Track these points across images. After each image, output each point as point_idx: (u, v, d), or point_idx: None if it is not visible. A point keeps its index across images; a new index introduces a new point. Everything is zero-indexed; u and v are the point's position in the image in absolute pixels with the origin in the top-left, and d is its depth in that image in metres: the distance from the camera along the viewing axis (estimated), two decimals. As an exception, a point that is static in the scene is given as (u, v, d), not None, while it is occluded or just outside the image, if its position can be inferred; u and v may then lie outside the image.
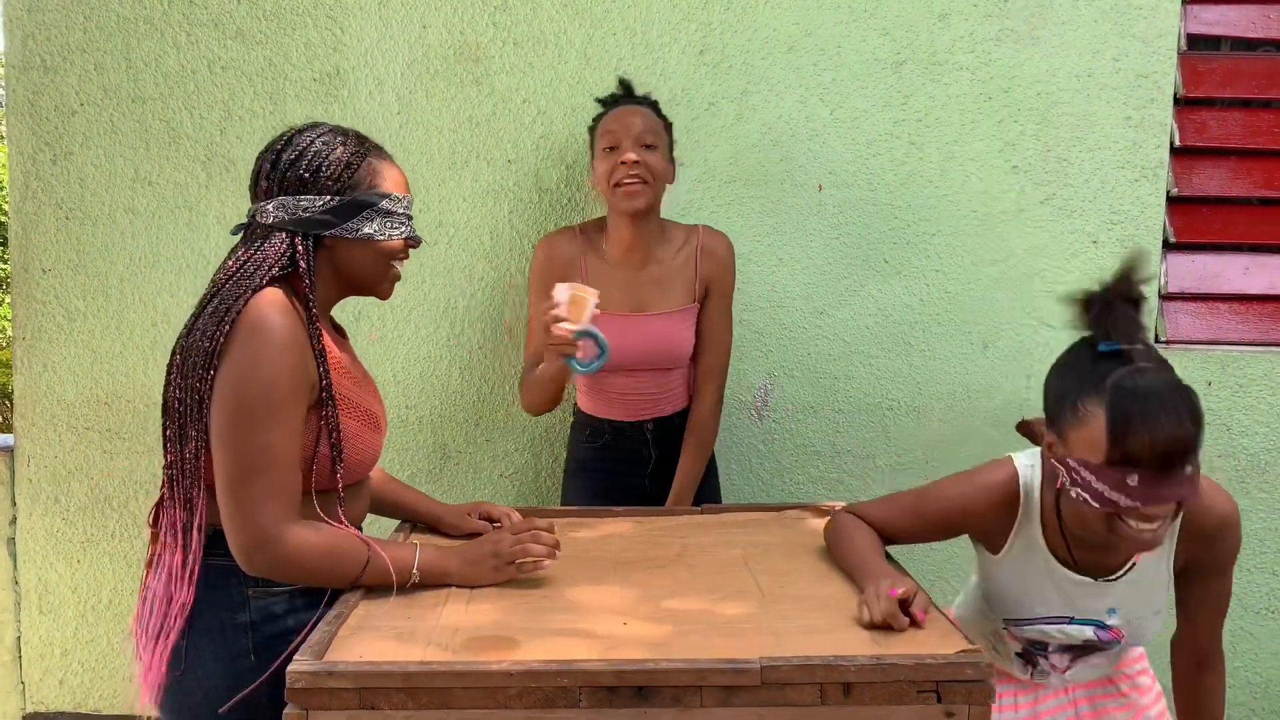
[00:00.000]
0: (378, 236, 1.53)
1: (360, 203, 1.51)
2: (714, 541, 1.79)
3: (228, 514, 1.41)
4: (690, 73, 2.58)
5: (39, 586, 2.72)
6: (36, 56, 2.58)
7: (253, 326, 1.41)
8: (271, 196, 1.50)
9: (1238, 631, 2.72)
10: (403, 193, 1.57)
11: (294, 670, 1.20)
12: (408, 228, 1.58)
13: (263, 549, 1.41)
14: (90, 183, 2.61)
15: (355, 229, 1.51)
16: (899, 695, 1.23)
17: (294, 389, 1.42)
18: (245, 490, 1.39)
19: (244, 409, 1.39)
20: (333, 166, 1.50)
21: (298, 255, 1.49)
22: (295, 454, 1.43)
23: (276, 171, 1.50)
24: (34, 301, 2.65)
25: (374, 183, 1.53)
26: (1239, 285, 2.67)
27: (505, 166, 2.61)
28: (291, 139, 1.52)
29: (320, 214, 1.49)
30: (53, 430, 2.68)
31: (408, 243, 1.59)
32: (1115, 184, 2.61)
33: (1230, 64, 2.64)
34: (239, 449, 1.40)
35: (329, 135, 1.53)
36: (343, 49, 2.58)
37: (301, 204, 1.49)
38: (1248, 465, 2.67)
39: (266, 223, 1.50)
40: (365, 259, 1.55)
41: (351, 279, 1.57)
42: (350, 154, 1.52)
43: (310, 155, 1.50)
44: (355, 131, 1.57)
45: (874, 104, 2.60)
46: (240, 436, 1.39)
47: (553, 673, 1.21)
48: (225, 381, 1.40)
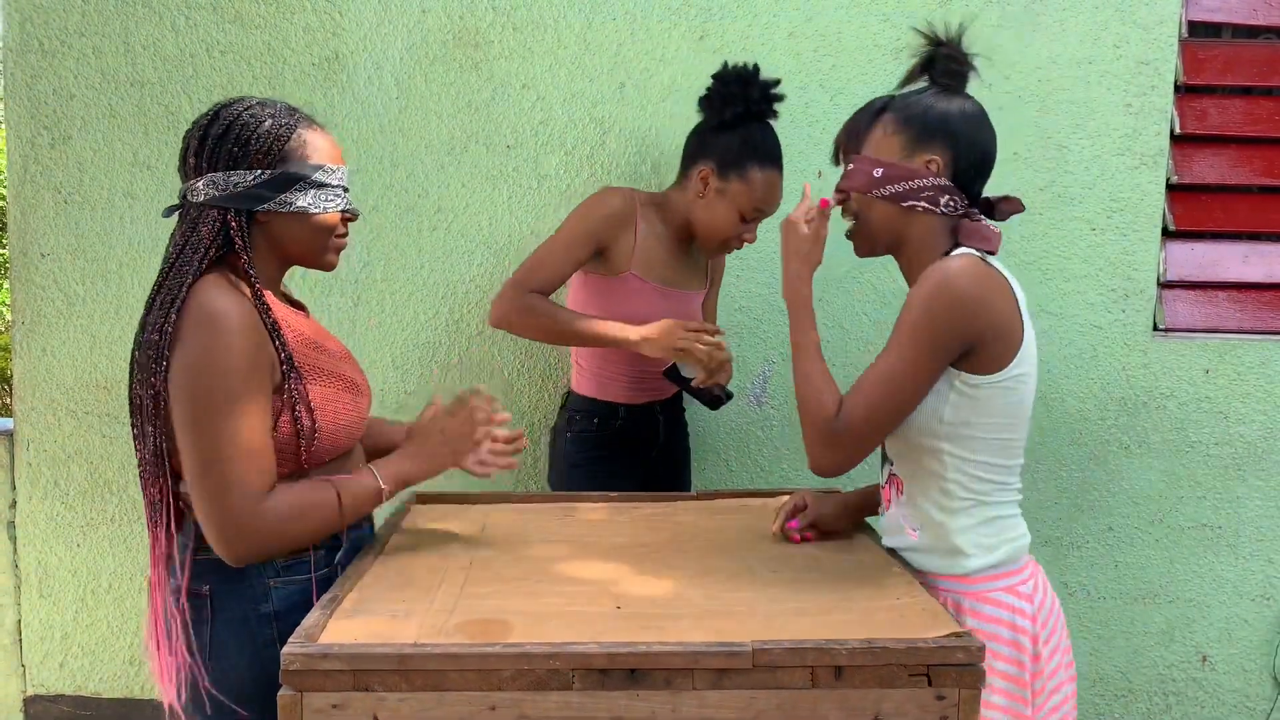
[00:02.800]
0: (312, 210, 1.48)
1: (292, 175, 1.46)
2: (707, 526, 1.80)
3: (199, 509, 1.39)
4: (691, 58, 2.58)
5: (39, 570, 2.73)
6: (34, 40, 2.58)
7: (199, 315, 1.37)
8: (201, 174, 1.45)
9: (1233, 618, 2.73)
10: (336, 163, 1.52)
11: (288, 652, 1.21)
12: (343, 199, 1.52)
13: (240, 537, 1.38)
14: (89, 167, 2.61)
15: (288, 202, 1.46)
16: (890, 678, 1.23)
17: (251, 372, 1.39)
18: (211, 481, 1.37)
19: (201, 400, 1.36)
20: (262, 139, 1.45)
21: (232, 233, 1.44)
22: (263, 438, 1.40)
23: (205, 148, 1.45)
24: (33, 286, 2.65)
25: (306, 154, 1.48)
26: (1238, 273, 2.67)
27: (504, 152, 2.61)
28: (218, 114, 1.47)
29: (251, 189, 1.44)
30: (52, 415, 2.68)
31: (344, 215, 1.54)
32: (1115, 171, 2.61)
33: (1231, 51, 2.63)
34: (200, 441, 1.37)
35: (256, 108, 1.47)
36: (341, 33, 2.57)
37: (232, 179, 1.44)
38: (1245, 453, 2.67)
39: (198, 201, 1.44)
40: (302, 233, 1.50)
41: (290, 254, 1.53)
42: (279, 125, 1.47)
43: (238, 129, 1.44)
44: (284, 103, 1.52)
45: (875, 90, 2.56)
46: (201, 429, 1.36)
47: (545, 655, 1.21)
48: (179, 375, 1.37)
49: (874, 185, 1.52)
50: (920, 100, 1.53)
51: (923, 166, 1.50)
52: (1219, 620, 2.74)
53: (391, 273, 2.64)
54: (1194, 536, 2.71)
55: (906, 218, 1.52)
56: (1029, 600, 1.52)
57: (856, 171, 1.55)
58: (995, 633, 1.49)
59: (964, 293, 1.42)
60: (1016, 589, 1.52)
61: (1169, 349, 2.66)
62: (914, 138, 1.51)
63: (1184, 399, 2.66)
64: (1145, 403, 2.67)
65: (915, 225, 1.52)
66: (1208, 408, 2.67)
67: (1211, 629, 2.74)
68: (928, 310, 1.42)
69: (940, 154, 1.50)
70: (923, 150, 1.50)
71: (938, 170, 1.50)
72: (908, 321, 1.44)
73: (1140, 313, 2.65)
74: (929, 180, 1.50)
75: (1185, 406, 2.66)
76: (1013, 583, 1.52)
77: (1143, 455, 2.68)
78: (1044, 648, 1.52)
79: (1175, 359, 2.66)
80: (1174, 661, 2.75)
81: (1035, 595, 1.53)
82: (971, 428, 1.48)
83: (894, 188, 1.51)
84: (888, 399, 1.45)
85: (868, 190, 1.53)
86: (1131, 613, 2.74)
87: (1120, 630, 2.74)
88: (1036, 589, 1.55)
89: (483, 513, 1.89)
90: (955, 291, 1.41)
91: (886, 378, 1.45)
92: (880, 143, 1.53)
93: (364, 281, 2.64)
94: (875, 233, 1.56)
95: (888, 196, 1.51)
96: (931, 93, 1.54)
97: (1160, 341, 2.66)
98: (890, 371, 1.45)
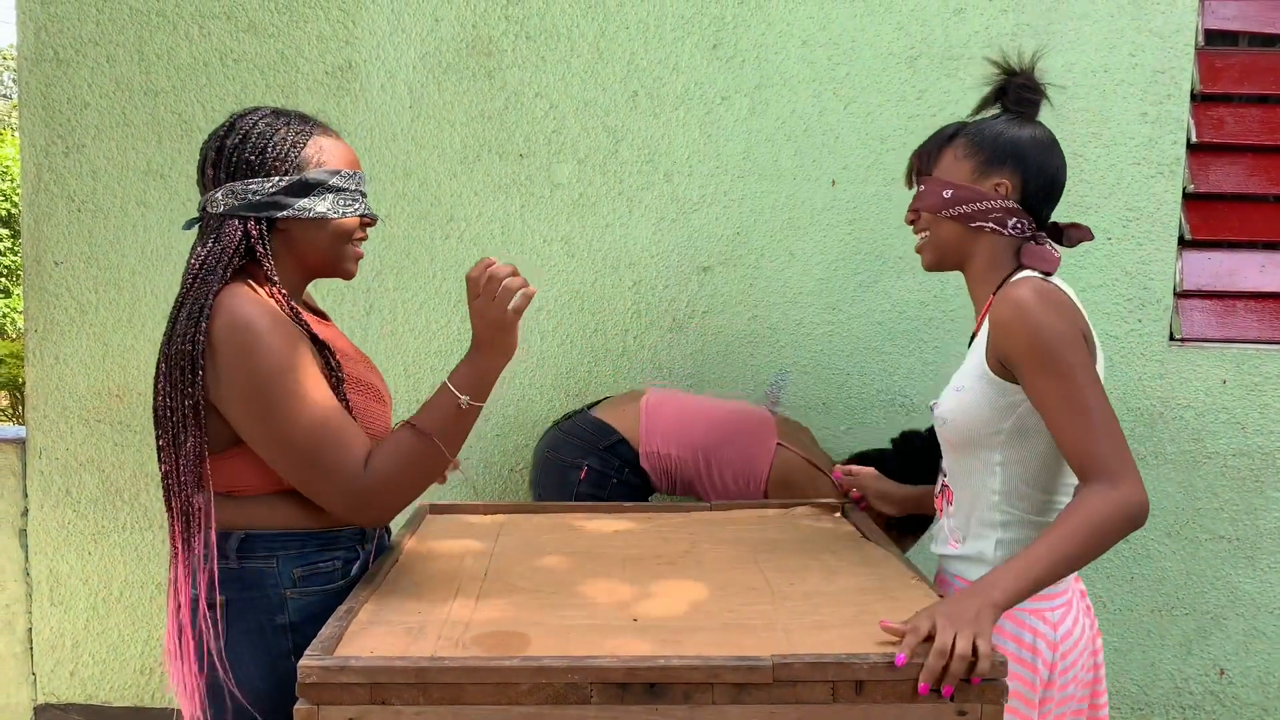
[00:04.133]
0: (331, 215, 1.48)
1: (310, 182, 1.46)
2: (723, 538, 1.78)
3: (317, 496, 1.42)
4: (704, 67, 2.57)
5: (50, 578, 2.73)
6: (49, 49, 2.58)
7: (230, 324, 1.37)
8: (220, 184, 1.45)
9: (1251, 631, 2.70)
10: (353, 169, 1.52)
11: (305, 665, 1.20)
12: (361, 204, 1.52)
13: (368, 505, 1.42)
14: (102, 175, 2.62)
15: (308, 209, 1.46)
16: (912, 694, 1.22)
17: (297, 355, 1.39)
18: (320, 467, 1.39)
19: (265, 400, 1.37)
20: (278, 147, 1.45)
21: (253, 241, 1.44)
22: (339, 409, 1.41)
23: (222, 158, 1.45)
24: (46, 294, 2.65)
25: (322, 160, 1.48)
26: (1255, 283, 2.65)
27: (517, 161, 2.60)
28: (234, 124, 1.47)
29: (270, 196, 1.44)
30: (64, 423, 2.68)
31: (363, 220, 1.54)
32: (1131, 180, 2.59)
33: (1248, 59, 2.61)
34: (287, 434, 1.37)
35: (271, 117, 1.48)
36: (355, 42, 2.57)
37: (250, 188, 1.44)
38: (1262, 464, 2.65)
39: (218, 212, 1.45)
40: (322, 239, 1.50)
41: (311, 261, 1.52)
42: (295, 133, 1.47)
43: (255, 138, 1.45)
44: (298, 111, 1.52)
45: (889, 99, 2.58)
46: (279, 425, 1.37)
47: (564, 669, 1.20)
48: (231, 382, 1.37)
49: (944, 205, 1.56)
50: (992, 126, 1.56)
51: (991, 189, 1.54)
52: (1237, 633, 2.71)
53: (404, 281, 2.64)
54: (1211, 549, 2.68)
55: (974, 237, 1.56)
56: (1054, 628, 1.50)
57: (927, 192, 1.58)
58: (1015, 652, 1.48)
59: (1056, 298, 1.43)
60: (1044, 614, 1.50)
61: (1186, 359, 2.64)
62: (984, 161, 1.54)
63: (1201, 409, 2.64)
64: (1162, 413, 2.65)
65: (982, 245, 1.56)
66: (1225, 418, 2.65)
67: (1229, 642, 2.71)
68: (1040, 331, 1.40)
69: (1009, 178, 1.53)
70: (993, 174, 1.54)
71: (1006, 193, 1.53)
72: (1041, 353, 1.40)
73: (1157, 322, 2.63)
74: (997, 202, 1.53)
75: (1202, 417, 2.64)
76: (1042, 607, 1.50)
77: (1159, 466, 2.66)
78: (1058, 677, 1.50)
79: (1192, 369, 2.64)
80: (1191, 675, 2.73)
81: (1061, 625, 1.51)
82: (1029, 444, 1.49)
83: (963, 208, 1.54)
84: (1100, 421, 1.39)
85: (938, 210, 1.56)
86: (1148, 625, 2.72)
87: (1137, 643, 2.72)
88: (1065, 619, 1.51)
89: (497, 523, 1.88)
90: (1049, 300, 1.42)
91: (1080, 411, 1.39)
92: (951, 166, 1.57)
93: (376, 290, 2.64)
94: (943, 249, 1.60)
95: (956, 216, 1.55)
96: (1004, 119, 1.57)
97: (1177, 351, 2.64)
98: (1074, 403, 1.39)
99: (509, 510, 1.98)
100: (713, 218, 2.58)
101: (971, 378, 1.52)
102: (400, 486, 1.43)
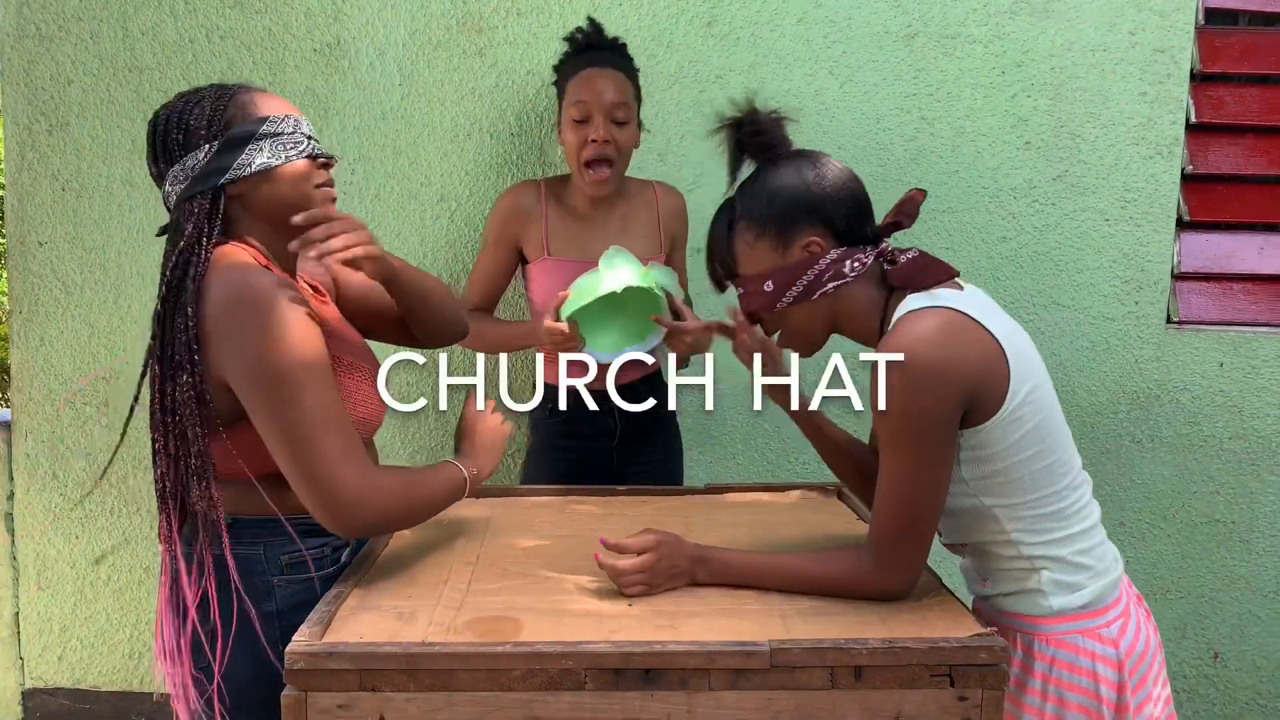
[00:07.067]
0: (273, 162, 1.42)
1: (238, 136, 1.41)
2: (719, 521, 1.77)
3: (306, 490, 1.34)
4: (698, 44, 2.53)
5: (37, 562, 2.70)
6: (31, 24, 2.54)
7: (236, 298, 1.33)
8: (164, 176, 1.43)
9: (1246, 615, 2.70)
10: (285, 114, 1.46)
11: (292, 651, 1.17)
12: (306, 144, 1.46)
13: (361, 506, 1.35)
14: (87, 154, 2.57)
15: (247, 164, 1.41)
16: (911, 679, 1.20)
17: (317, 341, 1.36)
18: (315, 459, 1.33)
19: (281, 381, 1.32)
20: (199, 117, 1.41)
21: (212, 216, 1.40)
22: (344, 406, 1.39)
23: (155, 149, 1.43)
24: (30, 275, 2.61)
25: (249, 113, 1.43)
26: (1253, 265, 2.64)
27: (509, 140, 2.57)
28: (157, 114, 1.45)
29: (207, 165, 1.40)
30: (50, 405, 2.65)
31: (315, 160, 1.47)
32: (1129, 161, 2.57)
33: (1248, 39, 2.59)
34: (293, 421, 1.32)
35: (189, 95, 1.45)
36: (343, 18, 2.53)
37: (188, 165, 1.41)
38: (1259, 448, 2.64)
39: (172, 203, 1.42)
40: (275, 194, 1.44)
41: (278, 219, 1.45)
42: (213, 101, 1.43)
43: (176, 117, 1.42)
44: (216, 83, 1.48)
45: (885, 78, 2.55)
46: (290, 409, 1.32)
47: (557, 654, 1.18)
48: (244, 363, 1.33)
49: (775, 299, 1.42)
50: (760, 192, 1.42)
51: (805, 254, 1.40)
52: (1231, 617, 2.71)
53: (394, 262, 2.60)
54: (1206, 532, 2.68)
55: (825, 304, 1.42)
56: (1114, 645, 1.37)
57: (749, 295, 1.45)
58: (1071, 681, 1.37)
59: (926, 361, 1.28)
60: (1098, 631, 1.38)
61: (1183, 342, 2.62)
62: (779, 233, 1.40)
63: (1197, 392, 2.63)
64: (1158, 396, 2.63)
65: (838, 304, 1.42)
66: (1221, 401, 2.63)
67: (1224, 625, 2.71)
68: (901, 407, 1.30)
69: (814, 232, 1.40)
70: (795, 239, 1.40)
71: (820, 249, 1.39)
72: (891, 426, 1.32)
73: (1154, 305, 2.61)
74: (821, 262, 1.39)
75: (1199, 400, 2.63)
76: (1093, 625, 1.38)
77: (1155, 449, 2.65)
78: (1131, 697, 1.37)
79: (1189, 352, 2.62)
80: (1186, 658, 2.72)
81: (1122, 639, 1.38)
82: (1001, 473, 1.36)
83: (794, 290, 1.40)
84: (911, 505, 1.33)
85: (772, 306, 1.43)
86: (1143, 608, 2.71)
87: (1131, 626, 2.71)
88: (1126, 631, 1.39)
89: (488, 506, 1.86)
90: (918, 367, 1.28)
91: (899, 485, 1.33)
92: (751, 257, 1.43)
93: (366, 271, 2.60)
94: (810, 333, 1.47)
95: (795, 300, 1.41)
96: (763, 175, 1.44)
97: (1174, 334, 2.62)
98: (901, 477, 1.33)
99: (501, 494, 1.96)
100: (707, 199, 2.53)
101: None
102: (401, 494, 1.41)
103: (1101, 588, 1.41)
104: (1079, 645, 1.37)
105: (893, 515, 1.34)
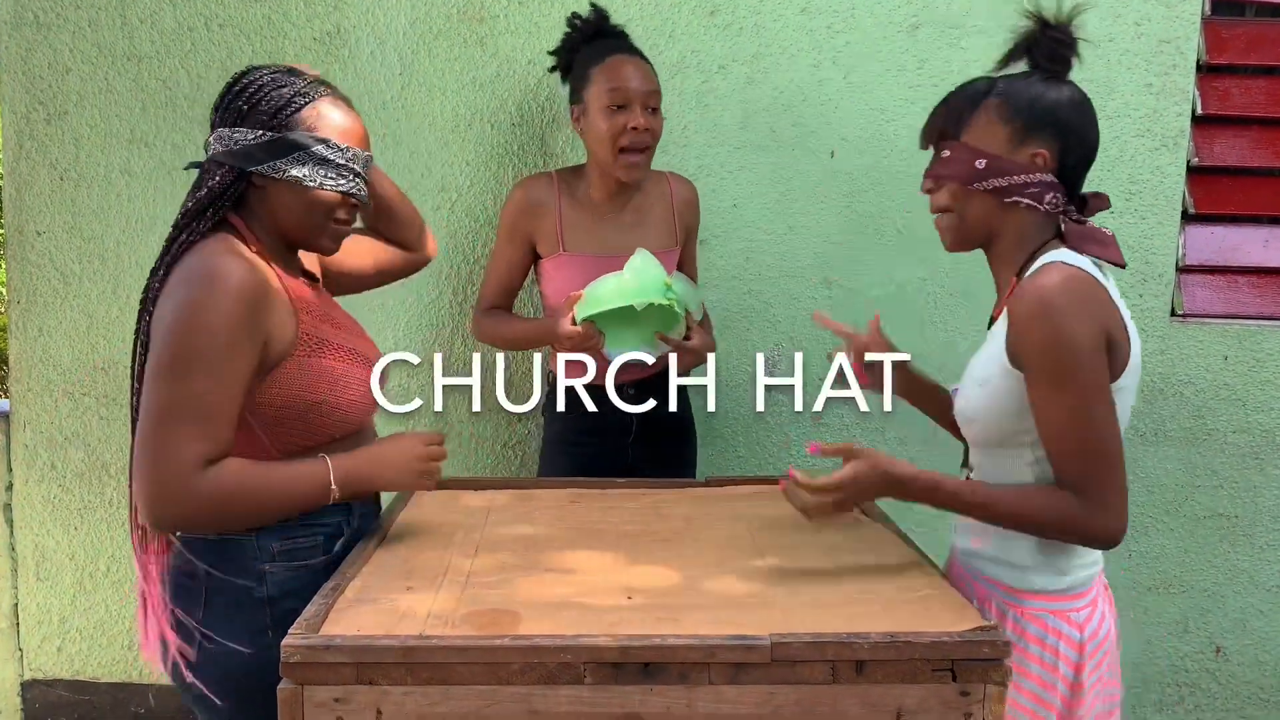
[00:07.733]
0: (306, 182, 1.42)
1: (291, 142, 1.41)
2: (719, 514, 1.76)
3: (136, 465, 1.32)
4: (700, 34, 2.51)
5: (36, 553, 2.69)
6: (29, 12, 2.52)
7: (195, 271, 1.34)
8: (214, 129, 1.45)
9: (1248, 609, 2.69)
10: (350, 143, 1.47)
11: (289, 644, 1.17)
12: (348, 181, 1.46)
13: (167, 503, 1.32)
14: (85, 143, 2.56)
15: (282, 170, 1.41)
16: (913, 673, 1.19)
17: (237, 341, 1.34)
18: (159, 436, 1.31)
19: (177, 352, 1.32)
20: (271, 101, 1.42)
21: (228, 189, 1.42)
22: (223, 406, 1.34)
23: (222, 102, 1.45)
24: (28, 265, 2.60)
25: (314, 126, 1.44)
26: (1258, 258, 2.62)
27: (510, 130, 2.55)
28: (245, 73, 1.46)
29: (249, 147, 1.41)
30: (49, 396, 2.64)
31: (347, 199, 1.48)
32: (1134, 153, 2.55)
33: (1255, 30, 2.57)
34: (161, 392, 1.31)
35: (281, 74, 1.45)
36: (344, 7, 2.51)
37: (235, 136, 1.41)
38: (1263, 441, 2.63)
39: (207, 155, 1.44)
40: (296, 206, 1.45)
41: (285, 227, 1.47)
42: (295, 93, 1.43)
43: (253, 89, 1.43)
44: (317, 77, 1.48)
45: (889, 69, 2.53)
46: (166, 380, 1.31)
47: (556, 648, 1.17)
48: (158, 326, 1.34)
49: (976, 177, 1.40)
50: (1029, 87, 1.41)
51: (1029, 160, 1.39)
52: (1234, 611, 2.70)
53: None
54: (1210, 526, 2.66)
55: (1005, 213, 1.42)
56: (1079, 629, 1.43)
57: (955, 160, 1.42)
58: (1036, 654, 1.42)
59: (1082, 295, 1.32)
60: (1069, 614, 1.43)
61: (1187, 335, 2.61)
62: (1022, 128, 1.39)
63: (1202, 386, 2.61)
64: (1162, 389, 2.62)
65: (1012, 221, 1.42)
66: (1226, 395, 2.62)
67: (1226, 620, 2.70)
68: (1057, 339, 1.31)
69: (1048, 147, 1.39)
70: (1030, 142, 1.39)
71: (1045, 165, 1.39)
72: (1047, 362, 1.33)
73: (1158, 298, 2.60)
74: (1035, 176, 1.39)
75: (1203, 393, 2.61)
76: (1066, 607, 1.43)
77: (1159, 443, 2.64)
78: (1088, 678, 1.43)
79: (1194, 345, 2.61)
80: (1188, 652, 2.71)
81: (1088, 624, 1.44)
82: None
83: (998, 181, 1.39)
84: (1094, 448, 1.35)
85: (969, 182, 1.41)
86: (1145, 603, 2.70)
87: (1134, 620, 2.70)
88: (1092, 618, 1.45)
89: (488, 498, 1.85)
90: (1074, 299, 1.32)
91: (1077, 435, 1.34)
92: (984, 131, 1.40)
93: (366, 262, 2.59)
94: (971, 227, 1.45)
95: (990, 190, 1.40)
96: (1037, 79, 1.42)
97: (1178, 327, 2.60)
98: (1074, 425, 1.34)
99: (500, 486, 1.95)
100: (709, 189, 2.53)
101: (994, 371, 1.41)
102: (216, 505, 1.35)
103: (1085, 576, 1.47)
104: (1048, 624, 1.43)
105: (1082, 455, 1.35)
